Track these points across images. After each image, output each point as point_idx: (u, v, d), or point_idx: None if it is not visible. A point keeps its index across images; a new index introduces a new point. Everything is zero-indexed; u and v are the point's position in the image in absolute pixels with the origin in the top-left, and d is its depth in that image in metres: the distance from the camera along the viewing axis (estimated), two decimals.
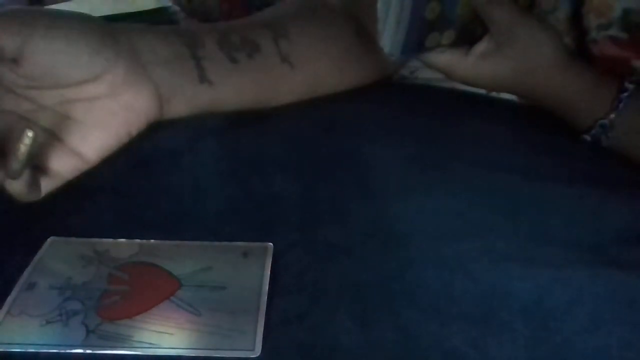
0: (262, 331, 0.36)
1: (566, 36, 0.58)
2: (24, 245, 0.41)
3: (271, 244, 0.42)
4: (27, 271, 0.39)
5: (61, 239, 0.42)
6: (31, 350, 0.34)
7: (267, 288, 0.38)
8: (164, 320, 0.36)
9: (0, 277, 0.39)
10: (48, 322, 0.36)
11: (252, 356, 0.34)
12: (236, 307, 0.37)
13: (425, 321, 0.37)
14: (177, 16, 0.91)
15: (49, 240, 0.41)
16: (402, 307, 0.37)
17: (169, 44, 0.50)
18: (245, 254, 0.41)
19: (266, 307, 0.37)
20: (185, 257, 0.41)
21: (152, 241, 0.42)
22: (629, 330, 0.37)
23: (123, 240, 0.42)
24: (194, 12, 0.88)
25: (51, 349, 0.34)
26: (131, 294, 0.38)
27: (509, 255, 0.41)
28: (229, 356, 0.34)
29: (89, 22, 0.45)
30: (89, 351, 0.34)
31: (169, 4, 0.93)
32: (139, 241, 0.42)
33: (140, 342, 0.35)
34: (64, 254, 0.40)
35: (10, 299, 0.37)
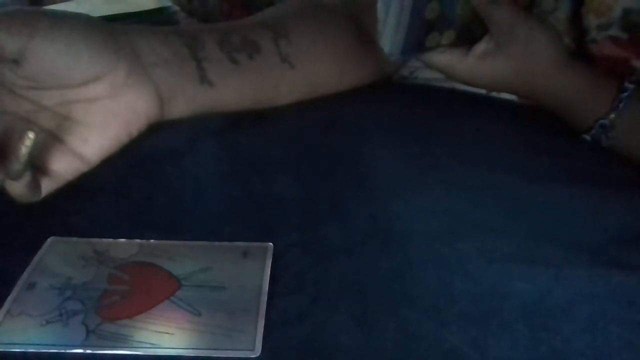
0: (262, 331, 0.36)
1: (566, 36, 0.58)
2: (24, 245, 0.41)
3: (271, 244, 0.42)
4: (27, 271, 0.39)
5: (61, 239, 0.42)
6: (31, 350, 0.34)
7: (267, 288, 0.38)
8: (164, 320, 0.36)
9: (0, 277, 0.39)
10: (48, 322, 0.36)
11: (252, 356, 0.34)
12: (236, 307, 0.37)
13: (425, 321, 0.37)
14: (177, 16, 0.91)
15: (49, 240, 0.41)
16: (402, 307, 0.37)
17: (169, 44, 0.50)
18: (245, 254, 0.41)
19: (266, 307, 0.37)
20: (185, 257, 0.41)
21: (152, 241, 0.42)
22: (629, 330, 0.37)
23: (123, 240, 0.42)
24: (194, 12, 0.88)
25: (51, 349, 0.34)
26: (131, 294, 0.38)
27: (509, 255, 0.41)
28: (229, 356, 0.34)
29: (90, 23, 0.45)
30: (89, 351, 0.34)
31: (169, 4, 0.93)
32: (139, 241, 0.42)
33: (140, 342, 0.35)
34: (64, 254, 0.40)
35: (10, 299, 0.37)
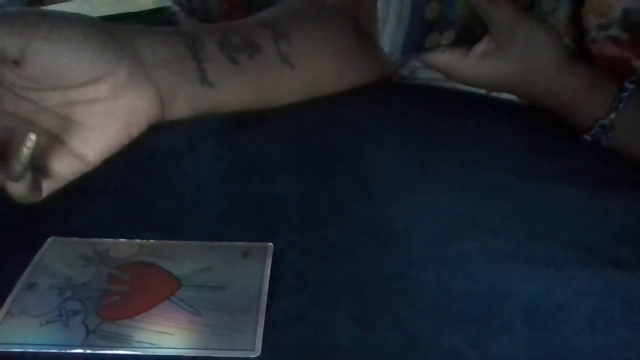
0: (262, 331, 0.36)
1: (566, 36, 0.58)
2: (24, 245, 0.41)
3: (271, 244, 0.42)
4: (27, 271, 0.39)
5: (61, 239, 0.42)
6: (31, 350, 0.34)
7: (267, 288, 0.38)
8: (164, 320, 0.36)
9: (0, 277, 0.39)
10: (48, 322, 0.36)
11: (252, 356, 0.34)
12: (236, 307, 0.37)
13: (425, 321, 0.37)
14: (177, 16, 0.91)
15: (49, 240, 0.41)
16: (402, 307, 0.37)
17: (169, 45, 0.50)
18: (245, 254, 0.41)
19: (266, 307, 0.37)
20: (185, 257, 0.41)
21: (152, 241, 0.42)
22: (629, 330, 0.37)
23: (123, 240, 0.42)
24: (194, 12, 0.88)
25: (51, 349, 0.34)
26: (131, 294, 0.38)
27: (509, 255, 0.41)
28: (229, 356, 0.34)
29: (91, 23, 0.45)
30: (89, 351, 0.34)
31: (169, 4, 0.93)
32: (139, 241, 0.42)
33: (140, 342, 0.35)
34: (64, 254, 0.40)
35: (10, 299, 0.37)
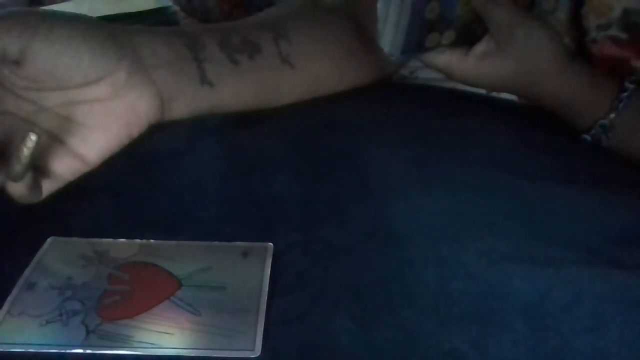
0: (262, 331, 0.36)
1: (566, 36, 0.58)
2: (24, 245, 0.41)
3: (271, 244, 0.42)
4: (27, 271, 0.39)
5: (61, 239, 0.42)
6: (31, 350, 0.34)
7: (267, 288, 0.38)
8: (164, 320, 0.36)
9: (0, 277, 0.39)
10: (48, 322, 0.36)
11: (252, 356, 0.34)
12: (236, 307, 0.37)
13: (425, 321, 0.37)
14: (177, 16, 0.91)
15: (49, 240, 0.41)
16: (402, 307, 0.37)
17: (170, 45, 0.50)
18: (245, 254, 0.41)
19: (266, 307, 0.37)
20: (185, 257, 0.41)
21: (152, 241, 0.42)
22: (629, 330, 0.37)
23: (123, 240, 0.42)
24: (194, 12, 0.88)
25: (51, 349, 0.34)
26: (131, 294, 0.38)
27: (509, 255, 0.41)
28: (229, 356, 0.34)
29: (91, 24, 0.45)
30: (89, 351, 0.34)
31: (169, 4, 0.93)
32: (139, 241, 0.42)
33: (140, 342, 0.35)
34: (64, 254, 0.40)
35: (10, 299, 0.37)
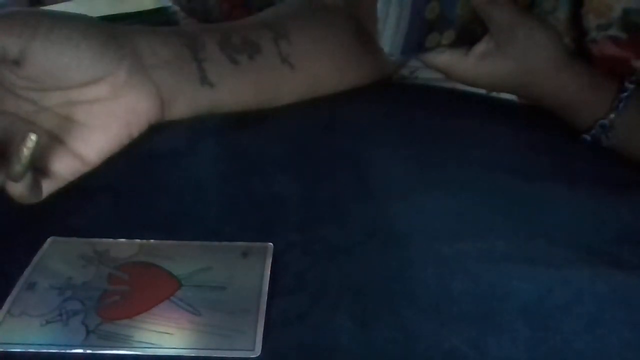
0: (262, 331, 0.36)
1: (566, 36, 0.58)
2: (24, 245, 0.41)
3: (271, 244, 0.42)
4: (27, 271, 0.39)
5: (61, 239, 0.42)
6: (31, 350, 0.34)
7: (267, 288, 0.38)
8: (164, 320, 0.36)
9: (0, 277, 0.39)
10: (48, 322, 0.36)
11: (252, 356, 0.34)
12: (236, 307, 0.37)
13: (425, 321, 0.37)
14: (177, 16, 0.91)
15: (49, 240, 0.41)
16: (402, 307, 0.37)
17: (170, 45, 0.50)
18: (245, 254, 0.41)
19: (266, 307, 0.37)
20: (185, 257, 0.41)
21: (152, 241, 0.42)
22: (629, 330, 0.37)
23: (123, 240, 0.42)
24: (194, 12, 0.88)
25: (51, 349, 0.34)
26: (131, 294, 0.38)
27: (509, 255, 0.41)
28: (229, 356, 0.34)
29: (91, 24, 0.45)
30: (89, 351, 0.34)
31: (169, 4, 0.93)
32: (139, 241, 0.42)
33: (140, 342, 0.35)
34: (64, 254, 0.40)
35: (10, 299, 0.37)
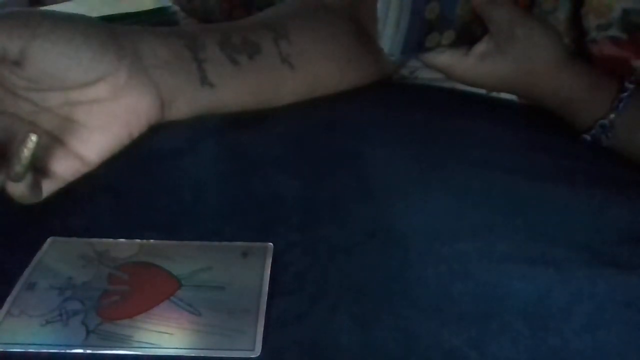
0: (262, 331, 0.36)
1: (566, 36, 0.58)
2: (24, 245, 0.41)
3: (271, 244, 0.42)
4: (27, 271, 0.39)
5: (61, 239, 0.42)
6: (31, 350, 0.34)
7: (267, 288, 0.38)
8: (164, 320, 0.36)
9: (0, 277, 0.39)
10: (48, 322, 0.36)
11: (252, 356, 0.34)
12: (236, 307, 0.37)
13: (425, 321, 0.37)
14: (177, 16, 0.91)
15: (49, 240, 0.41)
16: (402, 307, 0.37)
17: (170, 45, 0.50)
18: (245, 254, 0.41)
19: (266, 307, 0.37)
20: (185, 257, 0.41)
21: (152, 241, 0.42)
22: (629, 330, 0.37)
23: (123, 240, 0.42)
24: (194, 12, 0.88)
25: (51, 349, 0.34)
26: (131, 294, 0.38)
27: (509, 255, 0.41)
28: (229, 356, 0.34)
29: (92, 24, 0.45)
30: (89, 351, 0.34)
31: (169, 4, 0.93)
32: (139, 241, 0.42)
33: (140, 342, 0.35)
34: (64, 254, 0.40)
35: (10, 299, 0.37)
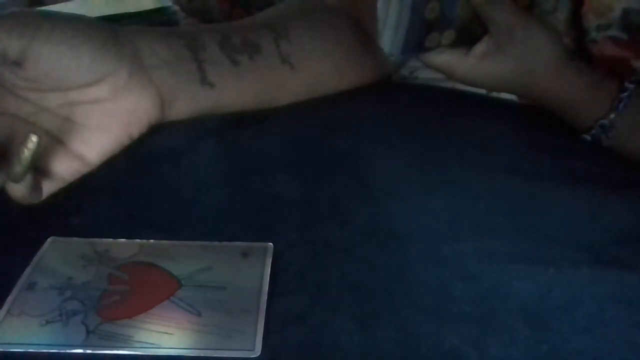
0: (262, 331, 0.36)
1: (566, 36, 0.58)
2: (24, 245, 0.41)
3: (271, 244, 0.42)
4: (27, 271, 0.39)
5: (61, 239, 0.42)
6: (31, 350, 0.34)
7: (267, 288, 0.38)
8: (164, 320, 0.36)
9: (0, 277, 0.39)
10: (48, 322, 0.36)
11: (252, 356, 0.34)
12: (236, 307, 0.37)
13: (425, 321, 0.37)
14: (177, 16, 0.91)
15: (49, 240, 0.41)
16: (402, 307, 0.37)
17: (170, 46, 0.50)
18: (245, 254, 0.41)
19: (266, 307, 0.37)
20: (185, 257, 0.41)
21: (152, 241, 0.42)
22: (629, 330, 0.37)
23: (123, 240, 0.42)
24: (194, 12, 0.88)
25: (51, 349, 0.34)
26: (131, 294, 0.38)
27: (509, 255, 0.41)
28: (229, 356, 0.34)
29: (92, 24, 0.45)
30: (89, 351, 0.34)
31: (169, 4, 0.93)
32: (139, 241, 0.42)
33: (140, 342, 0.35)
34: (64, 254, 0.40)
35: (10, 299, 0.37)
